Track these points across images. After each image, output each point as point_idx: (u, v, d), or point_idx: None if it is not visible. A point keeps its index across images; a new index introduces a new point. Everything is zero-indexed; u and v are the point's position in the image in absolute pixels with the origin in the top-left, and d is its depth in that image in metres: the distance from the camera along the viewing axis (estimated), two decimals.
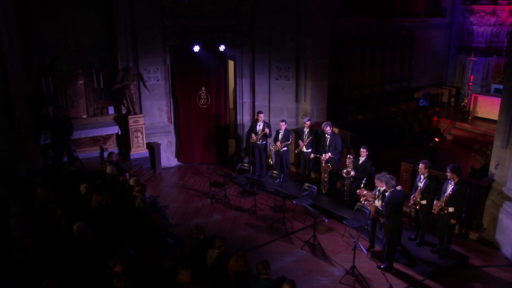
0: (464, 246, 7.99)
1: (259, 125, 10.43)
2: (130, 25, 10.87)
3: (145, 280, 5.51)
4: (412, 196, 7.50)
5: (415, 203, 7.46)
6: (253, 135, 10.45)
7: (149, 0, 10.85)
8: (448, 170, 7.14)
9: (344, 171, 9.01)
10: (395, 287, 6.87)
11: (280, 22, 11.20)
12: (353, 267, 7.12)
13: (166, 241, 6.83)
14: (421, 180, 7.53)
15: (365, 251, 7.20)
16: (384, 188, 7.11)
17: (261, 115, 10.45)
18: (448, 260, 7.37)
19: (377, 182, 7.28)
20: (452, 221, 7.20)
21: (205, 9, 11.18)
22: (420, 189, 7.42)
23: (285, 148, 10.30)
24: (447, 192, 7.07)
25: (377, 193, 7.35)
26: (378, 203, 7.24)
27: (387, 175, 7.10)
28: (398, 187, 7.09)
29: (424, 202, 7.45)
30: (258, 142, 10.50)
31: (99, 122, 11.04)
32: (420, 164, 7.53)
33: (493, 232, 8.10)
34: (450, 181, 7.17)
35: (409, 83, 15.33)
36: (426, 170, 7.44)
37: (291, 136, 10.38)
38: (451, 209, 7.09)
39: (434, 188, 7.51)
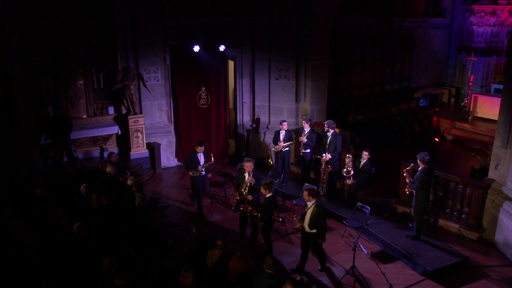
0: (464, 246, 7.99)
1: (282, 134, 10.24)
2: (130, 25, 10.86)
3: (145, 280, 5.50)
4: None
5: (297, 229, 6.98)
6: (280, 143, 10.18)
7: (149, 0, 10.84)
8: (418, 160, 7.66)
9: (344, 170, 9.02)
10: (395, 287, 6.88)
11: (280, 22, 11.20)
12: (353, 267, 7.13)
13: (166, 241, 6.83)
14: (308, 208, 6.81)
15: (365, 251, 7.20)
16: None
17: (285, 124, 10.23)
18: (448, 260, 7.37)
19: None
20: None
21: (205, 9, 11.19)
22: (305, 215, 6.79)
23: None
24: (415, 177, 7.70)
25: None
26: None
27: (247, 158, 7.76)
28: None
29: (314, 231, 6.78)
30: (284, 150, 10.29)
31: (99, 122, 11.02)
32: (303, 192, 6.84)
33: (493, 232, 8.10)
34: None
35: (409, 83, 15.33)
36: (311, 197, 6.78)
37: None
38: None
39: (323, 215, 6.80)
